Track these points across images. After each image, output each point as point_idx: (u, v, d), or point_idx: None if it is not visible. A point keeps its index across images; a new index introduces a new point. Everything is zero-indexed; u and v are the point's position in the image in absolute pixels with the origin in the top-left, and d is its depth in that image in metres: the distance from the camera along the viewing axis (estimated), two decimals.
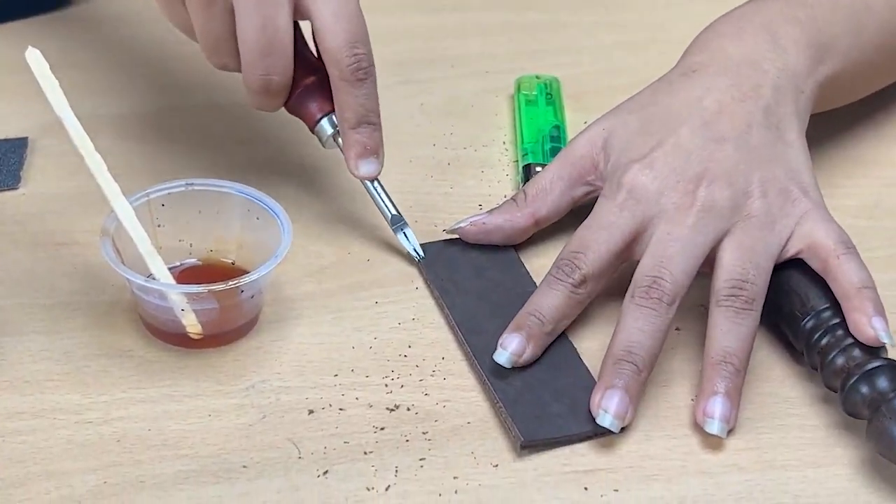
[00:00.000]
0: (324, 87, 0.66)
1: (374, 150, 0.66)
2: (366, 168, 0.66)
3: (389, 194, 0.67)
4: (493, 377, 0.62)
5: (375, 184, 0.67)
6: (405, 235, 0.67)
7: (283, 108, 0.67)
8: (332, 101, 0.66)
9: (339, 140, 0.66)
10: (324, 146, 0.67)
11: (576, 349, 0.64)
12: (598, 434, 0.60)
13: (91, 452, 0.59)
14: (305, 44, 0.66)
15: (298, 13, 0.64)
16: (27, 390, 0.61)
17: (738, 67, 0.67)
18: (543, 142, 0.74)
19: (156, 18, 0.68)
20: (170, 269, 0.63)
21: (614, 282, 0.65)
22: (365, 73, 0.64)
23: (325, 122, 0.66)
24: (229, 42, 0.64)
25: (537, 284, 0.65)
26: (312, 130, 0.67)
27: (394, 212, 0.67)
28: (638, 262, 0.63)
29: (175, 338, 0.63)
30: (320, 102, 0.66)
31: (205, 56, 0.66)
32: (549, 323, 0.63)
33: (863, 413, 0.59)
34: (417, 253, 0.67)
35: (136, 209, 0.63)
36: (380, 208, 0.67)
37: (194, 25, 0.64)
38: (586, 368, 0.63)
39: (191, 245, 0.67)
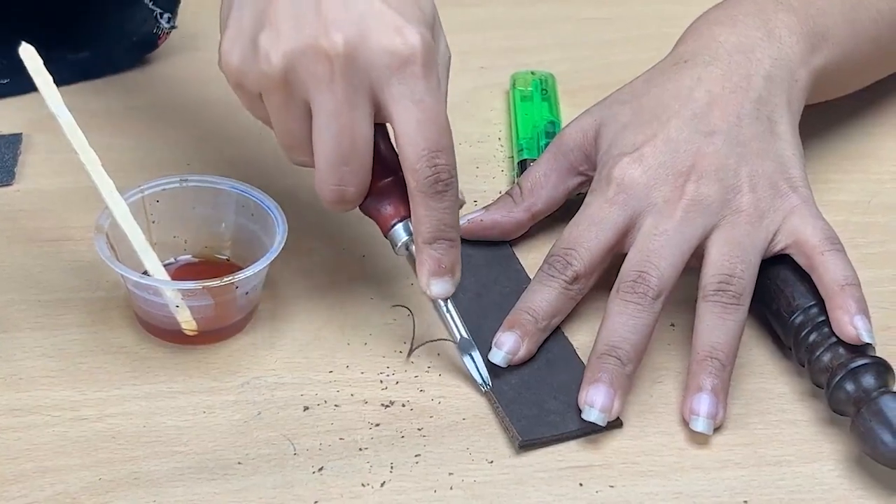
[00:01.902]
0: (402, 190, 0.60)
1: (450, 269, 0.60)
2: (438, 288, 0.61)
3: (461, 315, 0.61)
4: (490, 375, 0.62)
5: (449, 303, 0.61)
6: (472, 359, 0.61)
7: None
8: (408, 205, 0.60)
9: (413, 248, 0.61)
10: (395, 252, 0.62)
11: (571, 345, 0.64)
12: (595, 431, 0.60)
13: (86, 449, 0.59)
14: (388, 140, 0.61)
15: (380, 116, 0.59)
16: (21, 387, 0.61)
17: (730, 56, 0.66)
18: (539, 138, 0.74)
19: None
20: (164, 265, 0.63)
21: (607, 276, 0.64)
22: (445, 185, 0.59)
23: (399, 228, 0.61)
24: (308, 143, 0.59)
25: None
26: (386, 235, 0.62)
27: (464, 335, 0.61)
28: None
29: (170, 334, 0.63)
30: (396, 206, 0.61)
31: (283, 153, 0.62)
32: (543, 320, 0.63)
33: (849, 411, 0.59)
34: (485, 381, 0.61)
35: (130, 205, 0.63)
36: (448, 329, 0.62)
37: (272, 123, 0.60)
38: (583, 364, 0.63)
39: (185, 241, 0.67)
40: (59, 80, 0.62)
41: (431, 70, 0.58)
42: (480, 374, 0.61)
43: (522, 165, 0.72)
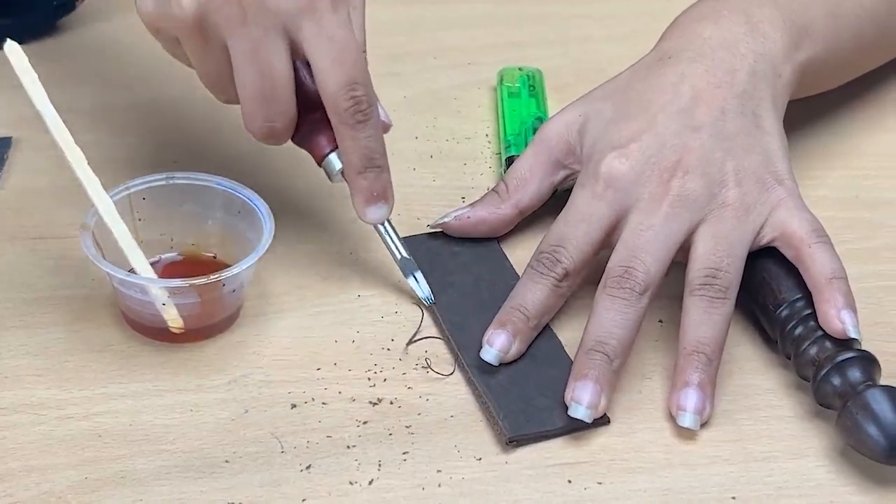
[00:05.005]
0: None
1: (382, 195, 0.63)
2: (373, 214, 0.64)
3: (399, 236, 0.65)
4: (478, 372, 0.62)
5: (386, 225, 0.64)
6: (415, 279, 0.64)
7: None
8: None
9: None
10: (331, 181, 0.64)
11: (560, 341, 0.64)
12: (583, 427, 0.60)
13: (72, 448, 0.59)
14: (311, 75, 0.63)
15: (297, 54, 0.61)
16: (7, 386, 0.61)
17: (714, 52, 0.66)
18: (526, 134, 0.74)
19: (134, 14, 0.67)
20: (151, 263, 0.63)
21: (594, 271, 0.64)
22: (364, 114, 0.61)
23: (332, 157, 0.63)
24: (230, 83, 0.62)
25: (520, 276, 0.65)
26: (320, 165, 0.64)
27: (405, 255, 0.64)
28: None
29: (156, 332, 0.63)
30: (327, 137, 0.63)
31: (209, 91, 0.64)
32: (534, 317, 0.63)
33: (835, 404, 0.59)
34: (428, 298, 0.64)
35: (116, 203, 0.63)
36: (390, 250, 0.65)
37: (193, 66, 0.63)
38: (570, 360, 0.62)
39: (172, 239, 0.66)
40: None
41: (339, 5, 0.60)
42: (423, 291, 0.64)
43: (510, 162, 0.72)
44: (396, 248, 0.65)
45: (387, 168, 0.63)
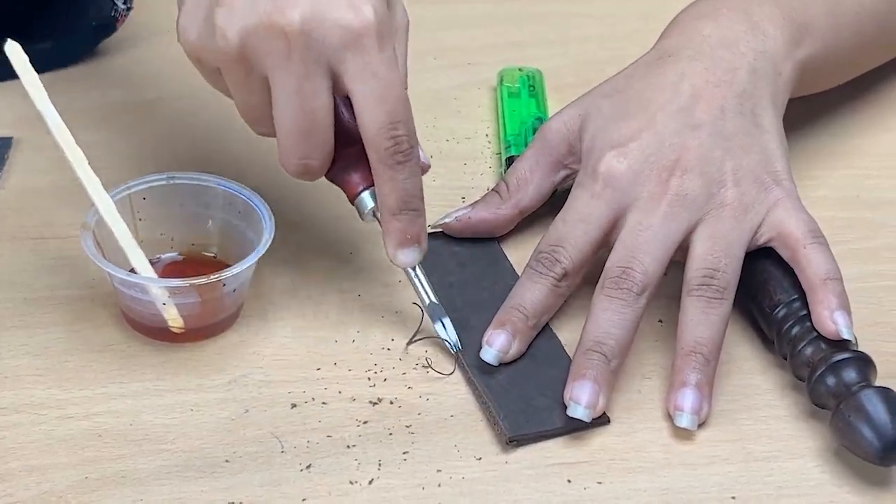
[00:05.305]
0: (366, 158, 0.60)
1: (416, 238, 0.61)
2: (405, 257, 0.61)
3: (429, 280, 0.62)
4: (478, 372, 0.62)
5: (418, 270, 0.62)
6: (443, 325, 0.62)
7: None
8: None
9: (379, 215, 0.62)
10: (362, 219, 0.62)
11: (559, 340, 0.64)
12: (583, 427, 0.60)
13: (72, 447, 0.59)
14: (351, 109, 0.60)
15: (338, 89, 0.59)
16: (7, 385, 0.61)
17: (714, 50, 0.66)
18: (526, 134, 0.74)
19: (136, 13, 0.67)
20: (151, 262, 0.63)
21: (593, 271, 0.64)
22: (405, 156, 0.59)
23: (365, 196, 0.62)
24: (269, 116, 0.60)
25: (520, 276, 0.65)
26: (352, 203, 0.62)
27: (433, 300, 0.62)
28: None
29: (156, 332, 0.63)
30: (361, 174, 0.61)
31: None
32: (534, 317, 0.63)
33: (829, 404, 0.59)
34: (455, 346, 0.62)
35: (116, 203, 0.63)
36: (418, 294, 0.63)
37: (233, 97, 0.61)
38: (570, 360, 0.62)
39: (172, 239, 0.66)
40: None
41: (386, 42, 0.58)
42: (451, 337, 0.62)
43: (510, 162, 0.72)
44: (425, 292, 0.62)
45: (423, 211, 0.61)
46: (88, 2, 0.77)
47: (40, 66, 0.61)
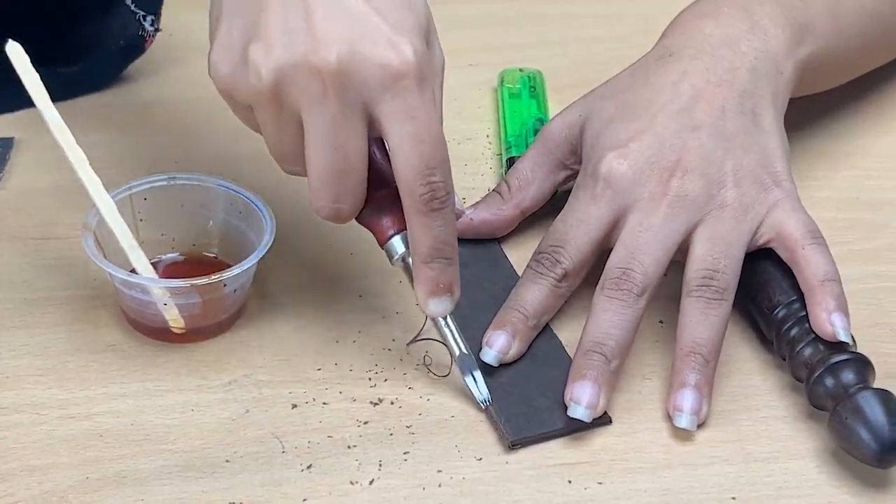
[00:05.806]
0: (399, 201, 0.58)
1: (448, 287, 0.58)
2: (436, 307, 0.59)
3: (460, 331, 0.60)
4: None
5: (448, 319, 0.60)
6: (473, 378, 0.60)
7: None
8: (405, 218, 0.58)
9: (409, 261, 0.59)
10: (391, 264, 0.60)
11: (560, 342, 0.64)
12: (584, 428, 0.60)
13: (73, 447, 0.59)
14: (384, 151, 0.59)
15: (374, 130, 0.57)
16: (8, 386, 0.61)
17: (715, 49, 0.66)
18: (527, 135, 0.74)
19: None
20: (152, 263, 0.63)
21: (595, 272, 0.65)
22: (440, 202, 0.57)
23: (396, 240, 0.59)
24: (300, 156, 0.57)
25: (520, 277, 0.65)
26: (382, 247, 0.60)
27: (464, 350, 0.60)
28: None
29: (157, 332, 0.63)
30: (392, 218, 0.59)
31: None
32: (534, 318, 0.63)
33: (828, 406, 0.59)
34: (486, 400, 0.60)
35: (118, 203, 0.63)
36: (448, 346, 0.60)
37: (263, 135, 0.58)
38: (570, 361, 0.62)
39: (173, 239, 0.66)
40: (56, 97, 0.61)
41: (425, 84, 0.56)
42: (481, 392, 0.60)
43: (511, 163, 0.72)
44: (456, 342, 0.60)
45: (455, 260, 0.58)
46: (112, 21, 0.76)
47: (69, 91, 0.59)
